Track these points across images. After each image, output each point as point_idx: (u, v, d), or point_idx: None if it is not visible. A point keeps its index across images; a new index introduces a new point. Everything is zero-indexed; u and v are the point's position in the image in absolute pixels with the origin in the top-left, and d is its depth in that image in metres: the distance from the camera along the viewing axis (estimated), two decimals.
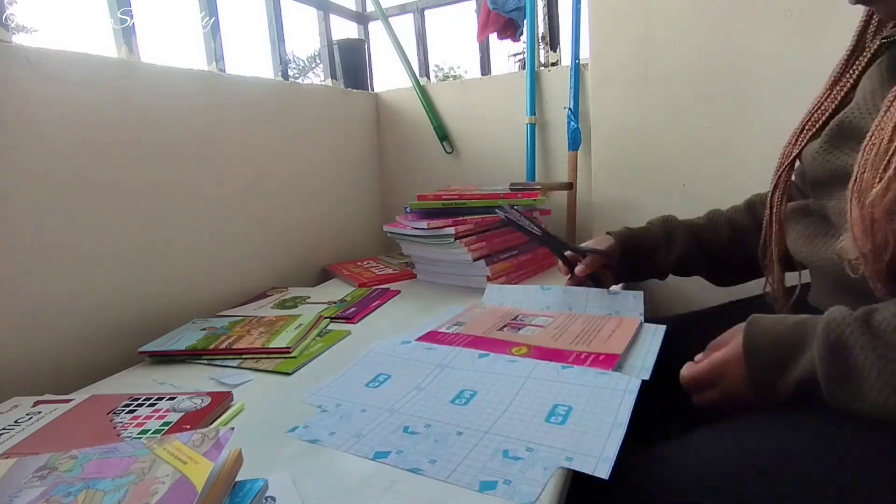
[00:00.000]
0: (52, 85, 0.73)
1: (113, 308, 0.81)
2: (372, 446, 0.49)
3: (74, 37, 24.83)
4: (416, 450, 0.48)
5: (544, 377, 0.59)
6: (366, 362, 0.67)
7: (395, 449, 0.48)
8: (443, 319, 0.80)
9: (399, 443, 0.49)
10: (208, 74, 0.99)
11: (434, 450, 0.47)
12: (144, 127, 0.85)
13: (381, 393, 0.59)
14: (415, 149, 1.47)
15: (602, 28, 1.10)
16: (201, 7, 1.05)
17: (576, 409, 0.52)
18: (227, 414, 0.57)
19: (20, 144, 0.69)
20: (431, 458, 0.46)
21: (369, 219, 1.45)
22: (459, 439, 0.49)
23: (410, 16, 1.53)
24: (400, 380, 0.62)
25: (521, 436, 0.48)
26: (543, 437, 0.48)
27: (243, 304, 0.98)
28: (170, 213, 0.89)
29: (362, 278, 1.10)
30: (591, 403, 0.53)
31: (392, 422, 0.53)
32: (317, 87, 1.37)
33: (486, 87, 1.37)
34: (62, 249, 0.74)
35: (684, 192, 1.09)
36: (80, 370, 0.74)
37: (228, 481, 0.38)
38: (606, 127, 1.14)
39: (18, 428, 0.54)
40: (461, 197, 1.07)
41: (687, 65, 1.04)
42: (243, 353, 0.73)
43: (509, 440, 0.48)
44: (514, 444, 0.47)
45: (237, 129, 1.03)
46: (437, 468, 0.45)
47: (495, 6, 1.30)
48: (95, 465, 0.38)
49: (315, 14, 1.44)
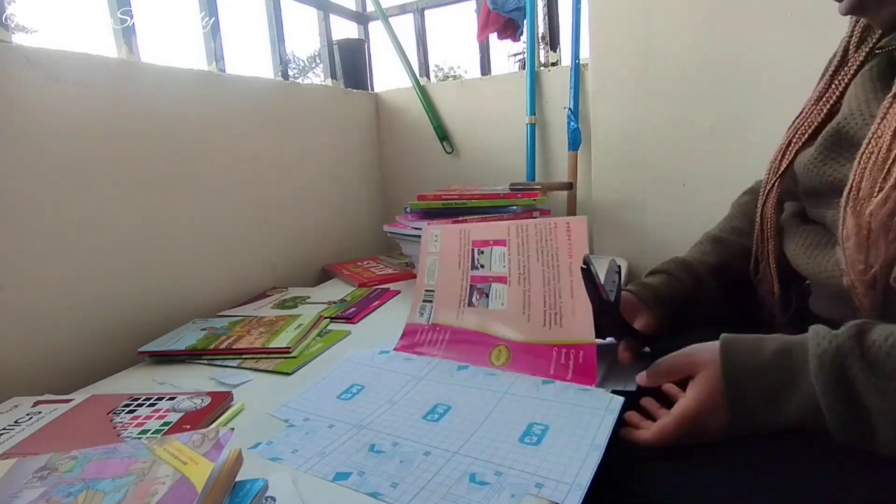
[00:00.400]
0: (52, 85, 0.73)
1: (113, 308, 0.80)
2: (334, 466, 0.47)
3: (74, 37, 24.82)
4: (379, 471, 0.46)
5: (523, 393, 0.57)
6: (341, 372, 0.66)
7: (357, 470, 0.46)
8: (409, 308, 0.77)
9: (363, 463, 0.47)
10: (208, 74, 0.99)
11: (398, 472, 0.45)
12: (144, 127, 0.85)
13: (352, 406, 0.58)
14: (415, 149, 1.47)
15: (602, 28, 1.10)
16: (201, 7, 1.05)
17: (553, 428, 0.50)
18: (227, 414, 0.57)
19: (20, 144, 0.69)
20: (394, 482, 0.44)
21: (369, 219, 1.45)
22: (426, 460, 0.47)
23: (410, 16, 1.53)
24: (373, 392, 0.60)
25: (492, 457, 0.46)
26: (515, 460, 0.46)
27: (243, 304, 0.98)
28: (170, 213, 0.89)
29: (362, 278, 1.10)
30: (570, 423, 0.50)
31: (359, 439, 0.51)
32: (317, 87, 1.37)
33: (486, 87, 1.37)
34: (62, 249, 0.74)
35: (684, 192, 1.09)
36: (80, 370, 0.74)
37: (228, 481, 0.38)
38: (606, 127, 1.14)
39: (18, 428, 0.54)
40: (461, 197, 1.07)
41: (687, 65, 1.04)
42: (243, 353, 0.73)
43: (478, 462, 0.46)
44: (482, 468, 0.45)
45: (237, 130, 1.03)
46: (398, 493, 0.42)
47: (495, 6, 1.30)
48: (95, 465, 0.38)
49: (315, 14, 1.44)
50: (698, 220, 1.07)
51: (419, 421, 0.54)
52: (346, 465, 0.47)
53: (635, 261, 1.15)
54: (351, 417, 0.55)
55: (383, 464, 0.47)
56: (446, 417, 0.54)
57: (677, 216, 1.10)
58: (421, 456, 0.47)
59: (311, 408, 0.58)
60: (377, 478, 0.45)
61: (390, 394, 0.60)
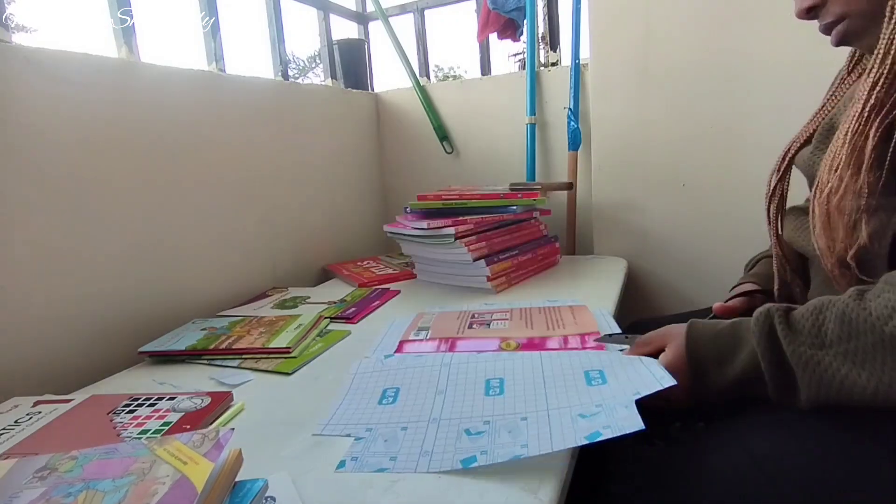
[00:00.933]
0: (52, 85, 0.73)
1: (113, 308, 0.80)
2: (452, 455, 0.46)
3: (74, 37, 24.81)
4: (498, 444, 0.46)
5: (556, 355, 0.62)
6: (359, 383, 0.62)
7: (477, 451, 0.46)
8: (402, 328, 0.78)
9: (474, 446, 0.46)
10: (208, 74, 0.99)
11: (518, 438, 0.46)
12: (144, 127, 0.85)
13: (403, 407, 0.55)
14: (415, 149, 1.47)
15: (602, 28, 1.10)
16: (201, 7, 1.05)
17: (606, 371, 0.55)
18: (227, 414, 0.57)
19: (20, 144, 0.69)
20: (523, 444, 0.45)
21: (369, 219, 1.45)
22: (531, 422, 0.48)
23: (410, 16, 1.53)
24: (413, 389, 0.58)
25: (580, 400, 0.50)
26: (598, 396, 0.50)
27: (243, 304, 0.98)
28: (170, 213, 0.89)
29: (362, 278, 1.10)
30: (616, 367, 0.56)
31: (448, 429, 0.50)
32: (317, 87, 1.37)
33: (486, 87, 1.37)
34: (62, 249, 0.74)
35: (684, 192, 1.09)
36: (80, 370, 0.74)
37: (228, 481, 0.38)
38: (606, 127, 1.14)
39: (18, 428, 0.54)
40: (461, 197, 1.07)
41: (687, 64, 1.04)
42: (243, 353, 0.73)
43: (574, 407, 0.49)
44: (584, 409, 0.49)
45: (237, 130, 1.03)
46: (533, 450, 0.44)
47: (495, 6, 1.30)
48: (95, 465, 0.37)
49: (315, 14, 1.44)
50: (698, 220, 1.08)
51: (485, 398, 0.54)
52: (461, 452, 0.46)
53: (635, 261, 1.15)
54: (414, 417, 0.53)
55: (496, 438, 0.47)
56: (505, 389, 0.55)
57: (677, 216, 1.10)
58: (521, 422, 0.49)
59: (362, 420, 0.54)
60: (504, 448, 0.45)
61: (431, 386, 0.58)
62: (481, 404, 0.53)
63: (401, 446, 0.48)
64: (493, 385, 0.56)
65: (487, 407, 0.52)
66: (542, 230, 1.14)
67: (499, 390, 0.55)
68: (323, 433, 0.52)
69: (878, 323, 0.40)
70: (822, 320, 0.44)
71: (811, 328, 0.44)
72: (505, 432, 0.48)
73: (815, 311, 0.45)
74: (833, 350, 0.42)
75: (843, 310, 0.42)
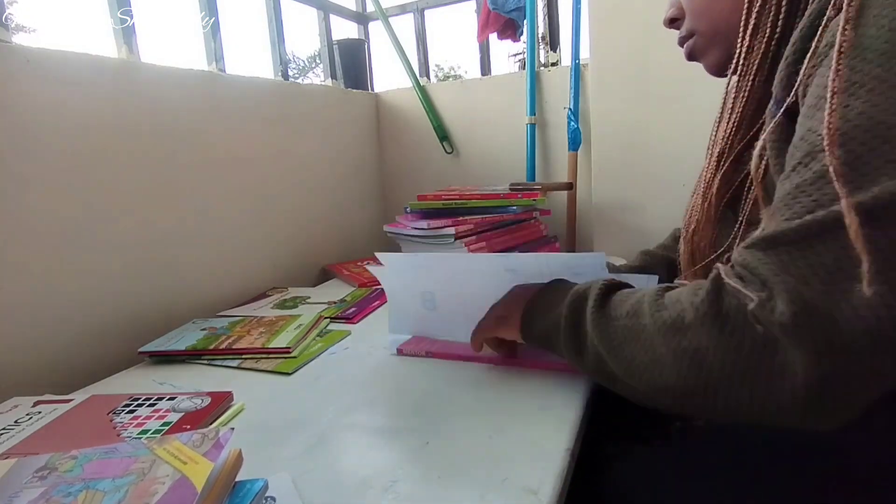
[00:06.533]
0: (52, 85, 0.73)
1: (113, 308, 0.80)
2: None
3: (74, 37, 24.82)
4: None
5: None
6: (394, 299, 0.74)
7: None
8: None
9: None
10: (208, 74, 0.99)
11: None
12: (144, 127, 0.85)
13: (450, 301, 0.68)
14: (415, 149, 1.47)
15: (602, 28, 1.10)
16: (201, 7, 1.05)
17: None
18: (227, 414, 0.57)
19: (20, 144, 0.69)
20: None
21: (369, 219, 1.45)
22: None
23: (410, 16, 1.53)
24: (446, 288, 0.67)
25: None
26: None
27: (243, 304, 0.98)
28: (169, 214, 0.89)
29: (362, 278, 1.10)
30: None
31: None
32: (317, 87, 1.37)
33: (486, 87, 1.37)
34: (62, 249, 0.74)
35: (684, 192, 1.08)
36: (80, 370, 0.74)
37: (228, 481, 0.38)
38: (606, 127, 1.14)
39: (18, 428, 0.54)
40: (461, 197, 1.07)
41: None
42: (243, 353, 0.73)
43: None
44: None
45: (237, 130, 1.03)
46: None
47: (495, 6, 1.30)
48: (95, 465, 0.38)
49: (315, 14, 1.44)
50: None
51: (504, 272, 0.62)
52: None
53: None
54: (466, 306, 0.63)
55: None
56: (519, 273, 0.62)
57: (677, 216, 1.09)
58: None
59: (423, 317, 0.70)
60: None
61: (459, 287, 0.66)
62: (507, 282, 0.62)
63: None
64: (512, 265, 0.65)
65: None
66: (542, 230, 1.14)
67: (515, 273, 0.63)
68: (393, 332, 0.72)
69: (649, 323, 0.40)
70: (629, 297, 0.45)
71: (618, 302, 0.45)
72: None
73: (636, 292, 0.46)
74: (616, 323, 0.44)
75: (641, 298, 0.43)
